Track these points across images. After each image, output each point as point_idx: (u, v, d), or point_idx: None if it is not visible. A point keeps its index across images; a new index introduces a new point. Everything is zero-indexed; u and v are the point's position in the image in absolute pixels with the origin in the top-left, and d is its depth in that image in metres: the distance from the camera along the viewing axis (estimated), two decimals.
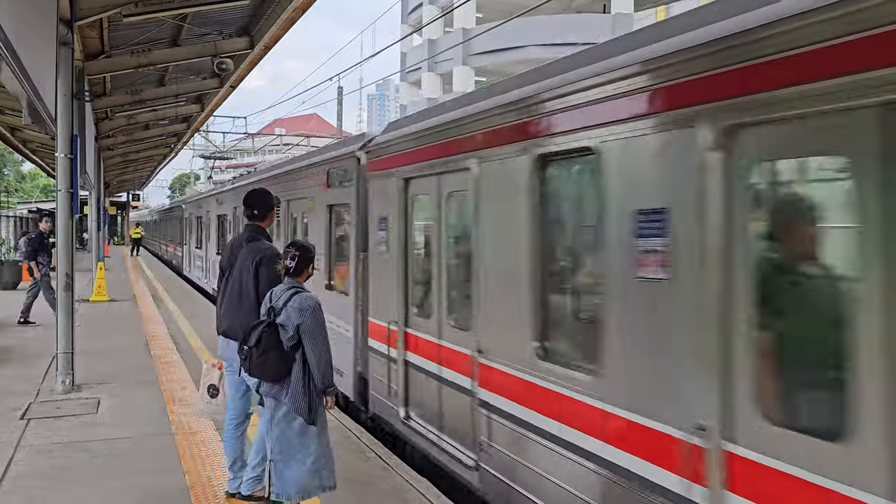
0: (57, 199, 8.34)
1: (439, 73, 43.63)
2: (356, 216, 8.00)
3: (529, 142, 4.73)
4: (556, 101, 4.47)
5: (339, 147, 9.35)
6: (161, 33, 11.61)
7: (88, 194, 20.57)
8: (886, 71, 2.56)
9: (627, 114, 3.84)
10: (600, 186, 4.05)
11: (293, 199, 10.79)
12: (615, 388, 3.93)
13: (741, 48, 3.15)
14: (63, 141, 8.21)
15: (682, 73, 3.48)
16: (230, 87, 15.17)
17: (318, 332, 4.33)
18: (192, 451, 6.23)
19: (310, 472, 4.34)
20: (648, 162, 3.71)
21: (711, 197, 3.28)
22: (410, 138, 6.63)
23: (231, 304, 5.08)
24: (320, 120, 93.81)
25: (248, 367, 4.33)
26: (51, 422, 7.10)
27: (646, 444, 3.68)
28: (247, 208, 5.27)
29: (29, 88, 5.48)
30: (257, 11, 11.17)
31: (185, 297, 18.12)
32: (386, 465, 6.03)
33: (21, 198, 69.62)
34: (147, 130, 21.48)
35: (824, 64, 2.79)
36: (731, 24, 3.25)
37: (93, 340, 11.39)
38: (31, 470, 5.76)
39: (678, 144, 3.50)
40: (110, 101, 15.82)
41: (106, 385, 8.63)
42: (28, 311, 13.34)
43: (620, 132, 3.88)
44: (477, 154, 5.40)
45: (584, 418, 4.16)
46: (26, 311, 13.33)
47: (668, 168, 3.58)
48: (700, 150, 3.34)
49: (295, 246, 4.54)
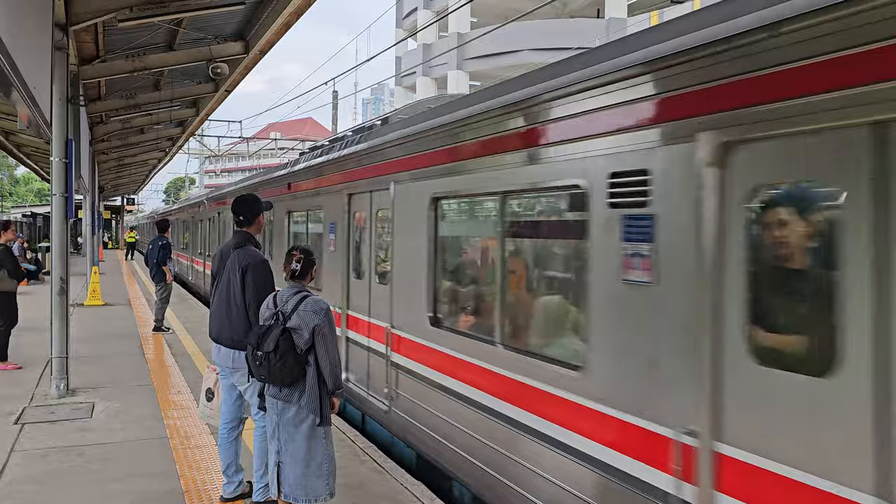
0: (51, 203, 8.34)
1: (434, 77, 43.68)
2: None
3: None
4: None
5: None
6: (156, 38, 11.62)
7: (83, 198, 20.53)
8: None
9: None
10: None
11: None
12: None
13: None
14: (58, 145, 8.20)
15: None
16: (225, 91, 15.18)
17: (332, 333, 4.35)
18: (187, 456, 6.24)
19: (317, 475, 4.34)
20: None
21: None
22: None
23: (219, 311, 5.09)
24: (315, 124, 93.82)
25: (266, 372, 4.26)
26: (45, 426, 7.10)
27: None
28: (234, 214, 5.29)
29: (24, 93, 5.49)
30: (252, 16, 11.19)
31: (180, 301, 18.09)
32: (380, 468, 6.04)
33: (15, 202, 69.41)
34: (142, 134, 21.45)
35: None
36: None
37: (87, 345, 11.37)
38: (25, 475, 5.76)
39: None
40: (105, 105, 15.82)
41: (100, 389, 8.63)
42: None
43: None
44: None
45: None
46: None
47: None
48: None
49: (299, 250, 4.57)
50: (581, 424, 4.17)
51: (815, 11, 2.77)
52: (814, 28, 2.80)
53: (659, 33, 3.70)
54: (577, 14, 38.84)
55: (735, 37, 3.12)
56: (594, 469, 4.01)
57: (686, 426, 3.38)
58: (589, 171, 4.11)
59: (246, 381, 4.88)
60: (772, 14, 2.94)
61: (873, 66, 2.61)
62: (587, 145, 4.14)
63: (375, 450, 6.54)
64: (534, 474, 4.58)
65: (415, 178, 6.51)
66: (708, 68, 3.31)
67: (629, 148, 3.80)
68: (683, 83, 3.46)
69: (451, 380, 5.76)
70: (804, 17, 2.81)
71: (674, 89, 3.52)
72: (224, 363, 5.06)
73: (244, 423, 5.31)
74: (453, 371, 5.72)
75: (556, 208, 4.87)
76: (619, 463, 3.83)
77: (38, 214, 38.30)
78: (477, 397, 5.34)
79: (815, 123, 2.80)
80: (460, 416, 5.58)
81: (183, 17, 10.19)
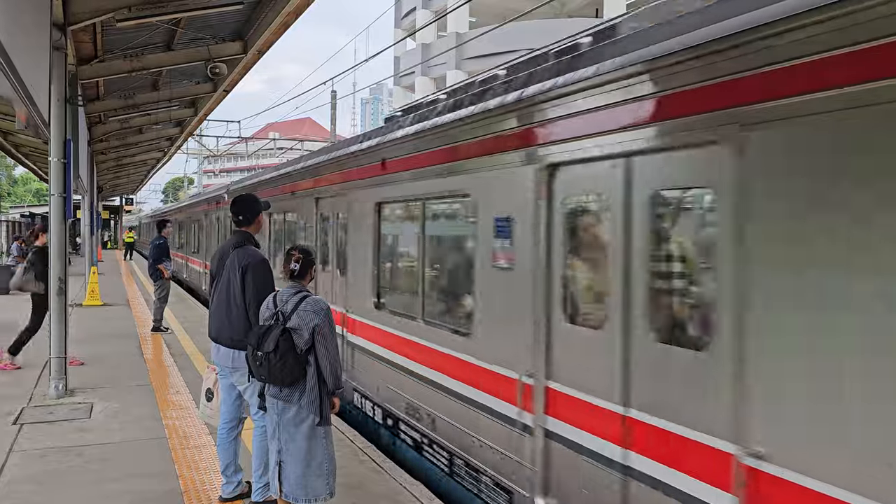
0: (50, 203, 8.32)
1: (433, 76, 43.64)
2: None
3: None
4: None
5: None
6: (154, 38, 11.61)
7: (81, 198, 20.51)
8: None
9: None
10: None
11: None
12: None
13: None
14: (56, 145, 8.19)
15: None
16: (224, 91, 15.18)
17: (332, 333, 4.35)
18: (186, 456, 6.23)
19: (317, 474, 4.34)
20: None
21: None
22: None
23: (219, 311, 5.08)
24: (314, 124, 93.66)
25: (266, 372, 4.26)
26: (44, 426, 7.09)
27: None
28: (233, 214, 5.29)
29: (22, 93, 5.49)
30: (251, 16, 11.20)
31: (179, 301, 18.07)
32: (380, 467, 6.04)
33: (13, 202, 69.34)
34: (140, 134, 21.45)
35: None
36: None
37: (86, 345, 11.36)
38: (24, 475, 5.76)
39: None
40: (103, 105, 15.81)
41: (99, 389, 8.62)
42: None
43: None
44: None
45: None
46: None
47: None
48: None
49: (299, 249, 4.57)
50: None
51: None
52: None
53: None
54: (575, 14, 38.81)
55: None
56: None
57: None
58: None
59: (245, 380, 4.88)
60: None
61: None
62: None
63: (374, 450, 6.54)
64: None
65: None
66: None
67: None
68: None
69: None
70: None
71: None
72: (223, 363, 5.06)
73: (243, 422, 5.30)
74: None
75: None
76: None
77: (36, 214, 38.26)
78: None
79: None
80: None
81: (181, 16, 10.19)
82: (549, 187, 4.59)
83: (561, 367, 4.47)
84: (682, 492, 3.50)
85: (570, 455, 4.37)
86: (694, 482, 3.44)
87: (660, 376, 3.70)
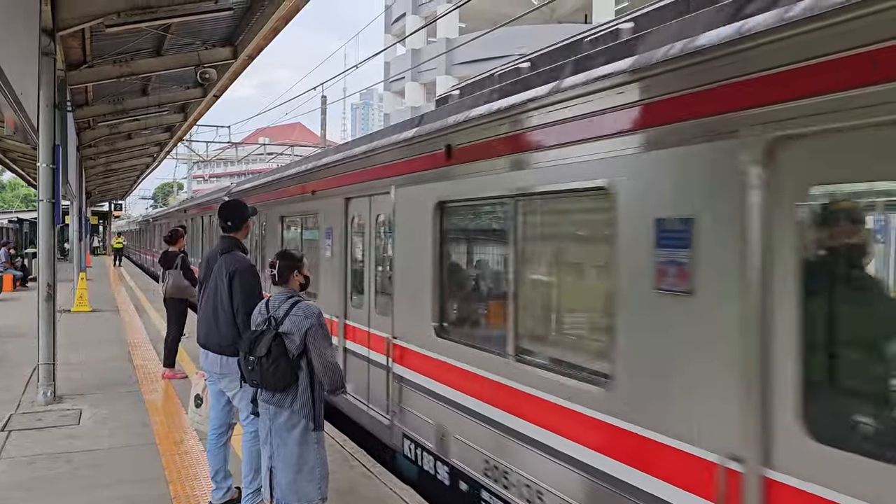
0: (38, 208, 8.29)
1: (423, 82, 43.79)
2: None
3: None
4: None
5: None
6: (144, 43, 11.60)
7: (70, 204, 20.41)
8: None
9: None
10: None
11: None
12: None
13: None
14: (45, 151, 8.16)
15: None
16: (213, 96, 15.17)
17: (324, 336, 4.36)
18: (176, 462, 6.22)
19: (309, 479, 4.34)
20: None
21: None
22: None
23: (207, 317, 5.08)
24: (304, 129, 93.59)
25: (258, 377, 4.27)
26: (32, 433, 7.06)
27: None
28: (221, 220, 5.28)
29: (11, 98, 5.48)
30: (241, 21, 11.20)
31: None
32: (370, 472, 6.05)
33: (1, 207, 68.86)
34: (130, 140, 21.36)
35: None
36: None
37: (75, 351, 11.30)
38: (12, 481, 5.73)
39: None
40: (93, 110, 15.76)
41: (88, 396, 8.58)
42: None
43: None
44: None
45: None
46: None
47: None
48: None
49: (276, 255, 4.58)
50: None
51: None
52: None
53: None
54: (564, 20, 39.01)
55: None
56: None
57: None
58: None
59: (234, 386, 4.88)
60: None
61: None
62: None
63: (365, 455, 6.55)
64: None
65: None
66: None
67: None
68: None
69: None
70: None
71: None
72: (212, 369, 5.06)
73: (233, 428, 5.30)
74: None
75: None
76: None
77: (24, 220, 38.01)
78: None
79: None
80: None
81: (170, 22, 10.19)
82: (774, 172, 2.96)
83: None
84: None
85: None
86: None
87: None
